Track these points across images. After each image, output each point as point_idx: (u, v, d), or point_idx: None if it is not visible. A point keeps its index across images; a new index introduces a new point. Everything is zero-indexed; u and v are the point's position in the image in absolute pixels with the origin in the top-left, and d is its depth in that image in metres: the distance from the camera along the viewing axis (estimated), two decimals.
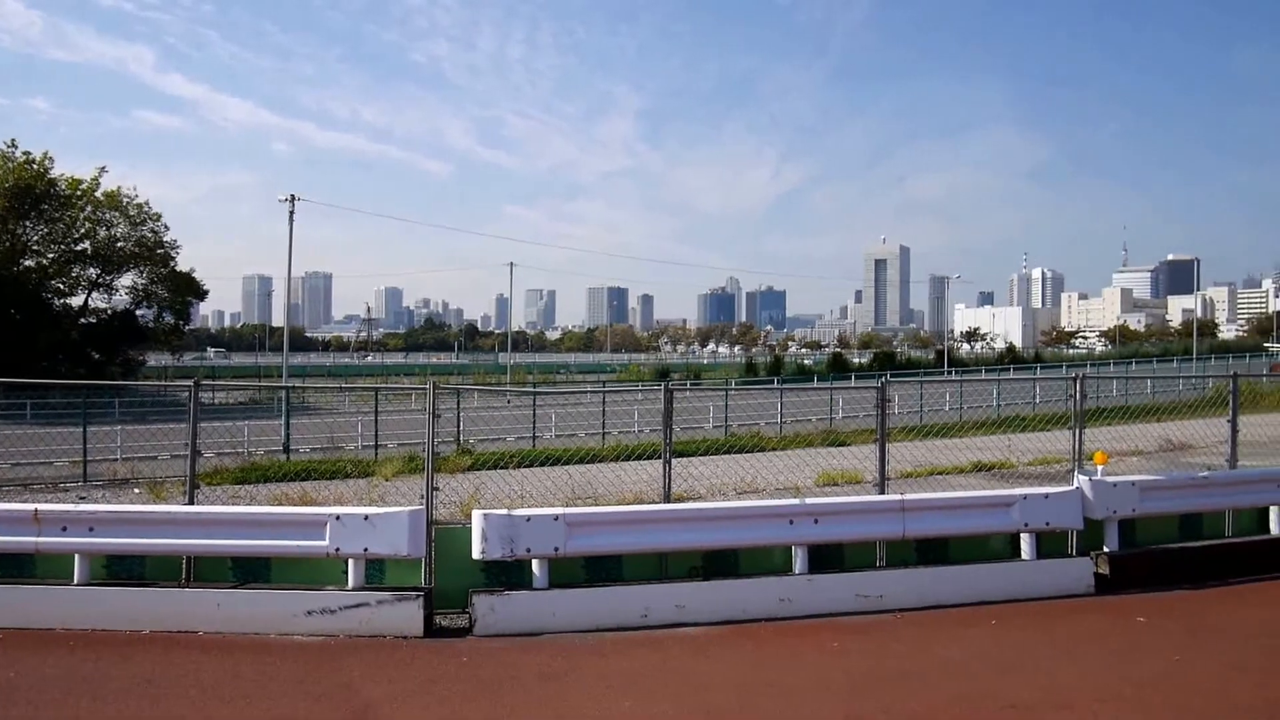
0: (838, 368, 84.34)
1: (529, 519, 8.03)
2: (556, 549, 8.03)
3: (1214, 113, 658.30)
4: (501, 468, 11.68)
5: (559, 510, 8.34)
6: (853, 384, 41.67)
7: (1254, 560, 9.91)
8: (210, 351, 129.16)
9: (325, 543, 7.89)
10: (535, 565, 8.07)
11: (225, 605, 7.80)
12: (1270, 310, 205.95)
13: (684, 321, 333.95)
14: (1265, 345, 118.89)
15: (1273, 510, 10.33)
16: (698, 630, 7.93)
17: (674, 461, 9.17)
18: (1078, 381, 10.15)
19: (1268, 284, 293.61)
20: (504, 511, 8.15)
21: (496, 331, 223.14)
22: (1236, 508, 10.33)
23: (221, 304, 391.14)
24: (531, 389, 42.60)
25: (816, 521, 8.63)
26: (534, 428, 27.29)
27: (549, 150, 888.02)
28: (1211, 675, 6.84)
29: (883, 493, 9.40)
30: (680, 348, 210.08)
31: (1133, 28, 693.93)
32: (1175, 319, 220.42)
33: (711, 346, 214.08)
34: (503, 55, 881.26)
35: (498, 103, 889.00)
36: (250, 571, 8.33)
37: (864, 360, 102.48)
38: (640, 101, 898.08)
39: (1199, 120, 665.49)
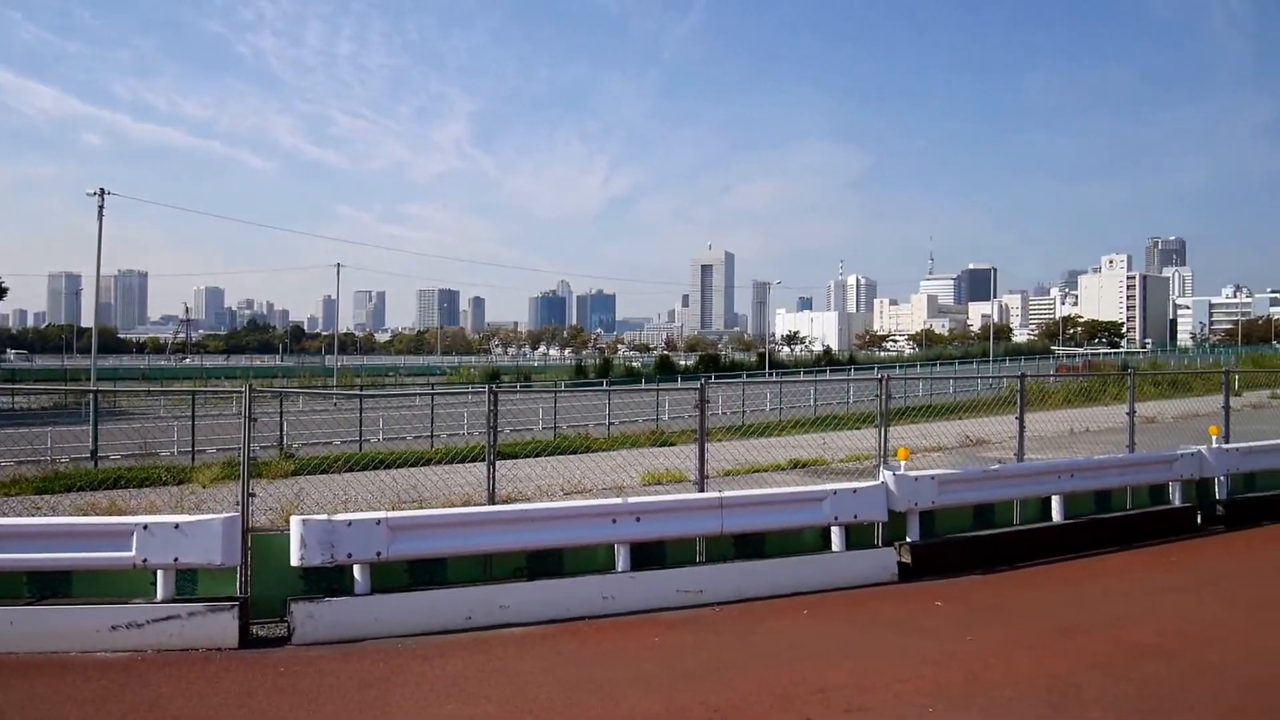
0: (665, 370, 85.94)
1: (350, 524, 7.87)
2: (379, 553, 7.90)
3: (1011, 135, 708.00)
4: (326, 472, 11.36)
5: (381, 514, 8.21)
6: (678, 385, 42.54)
7: (1039, 545, 10.81)
8: (10, 353, 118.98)
9: (131, 553, 7.48)
10: (357, 570, 7.91)
11: (20, 623, 7.28)
12: (1057, 316, 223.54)
13: (515, 324, 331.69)
14: (1052, 348, 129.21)
15: (1054, 499, 11.28)
16: (522, 630, 7.98)
17: (504, 463, 9.21)
18: (882, 383, 10.77)
19: (1055, 292, 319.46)
20: (324, 517, 7.95)
21: (324, 333, 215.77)
22: (1024, 497, 11.22)
23: (24, 303, 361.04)
24: (358, 392, 41.40)
25: (639, 520, 8.82)
26: (361, 431, 26.59)
27: (380, 150, 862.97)
28: (999, 651, 7.42)
29: (702, 491, 9.71)
30: (511, 350, 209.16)
31: (942, 48, 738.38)
32: (975, 323, 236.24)
33: (543, 349, 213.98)
34: (332, 52, 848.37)
35: (326, 100, 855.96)
36: (49, 586, 7.79)
37: (690, 362, 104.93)
38: (473, 104, 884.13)
39: (996, 141, 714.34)
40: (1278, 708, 6.25)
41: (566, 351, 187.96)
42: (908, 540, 9.94)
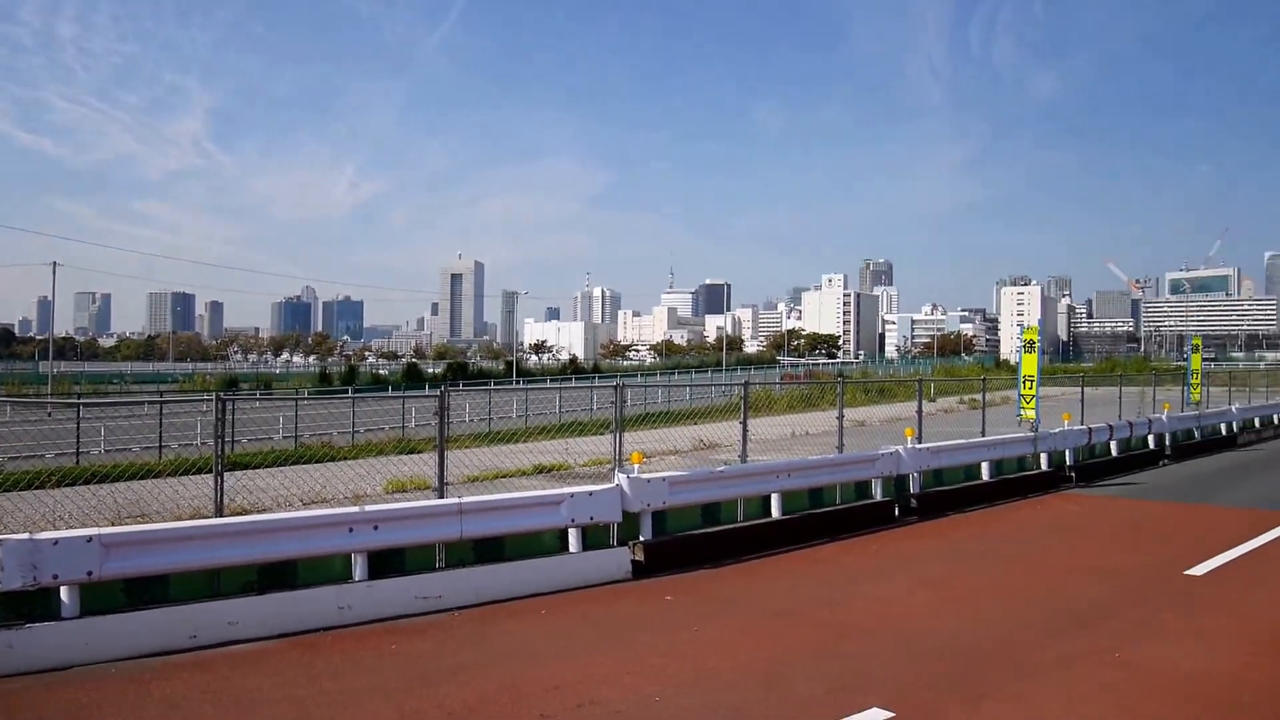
0: (413, 378, 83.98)
1: (56, 542, 7.26)
2: (90, 573, 7.34)
3: (742, 158, 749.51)
4: (38, 487, 10.33)
5: (93, 531, 7.63)
6: (425, 393, 41.82)
7: (762, 539, 11.63)
8: None
9: None
10: (64, 592, 7.30)
11: None
12: (784, 329, 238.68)
13: (257, 330, 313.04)
14: (779, 358, 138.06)
15: (774, 497, 12.19)
16: (252, 646, 7.67)
17: (240, 474, 8.80)
18: (618, 390, 11.24)
19: (782, 307, 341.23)
20: (24, 536, 7.28)
21: (38, 337, 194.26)
22: (747, 496, 12.04)
23: None
24: (76, 400, 37.57)
25: (376, 528, 8.72)
26: (79, 443, 24.22)
27: (106, 142, 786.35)
28: (722, 639, 7.96)
29: (442, 497, 9.73)
30: (252, 357, 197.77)
31: (675, 72, 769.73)
32: (711, 335, 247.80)
33: (286, 356, 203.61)
34: (51, 32, 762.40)
35: (43, 84, 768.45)
36: None
37: (438, 370, 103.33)
38: (212, 100, 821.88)
39: (728, 163, 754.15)
40: (959, 671, 7.10)
41: (311, 359, 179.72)
42: (641, 539, 10.41)
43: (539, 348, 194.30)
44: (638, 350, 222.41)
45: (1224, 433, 26.35)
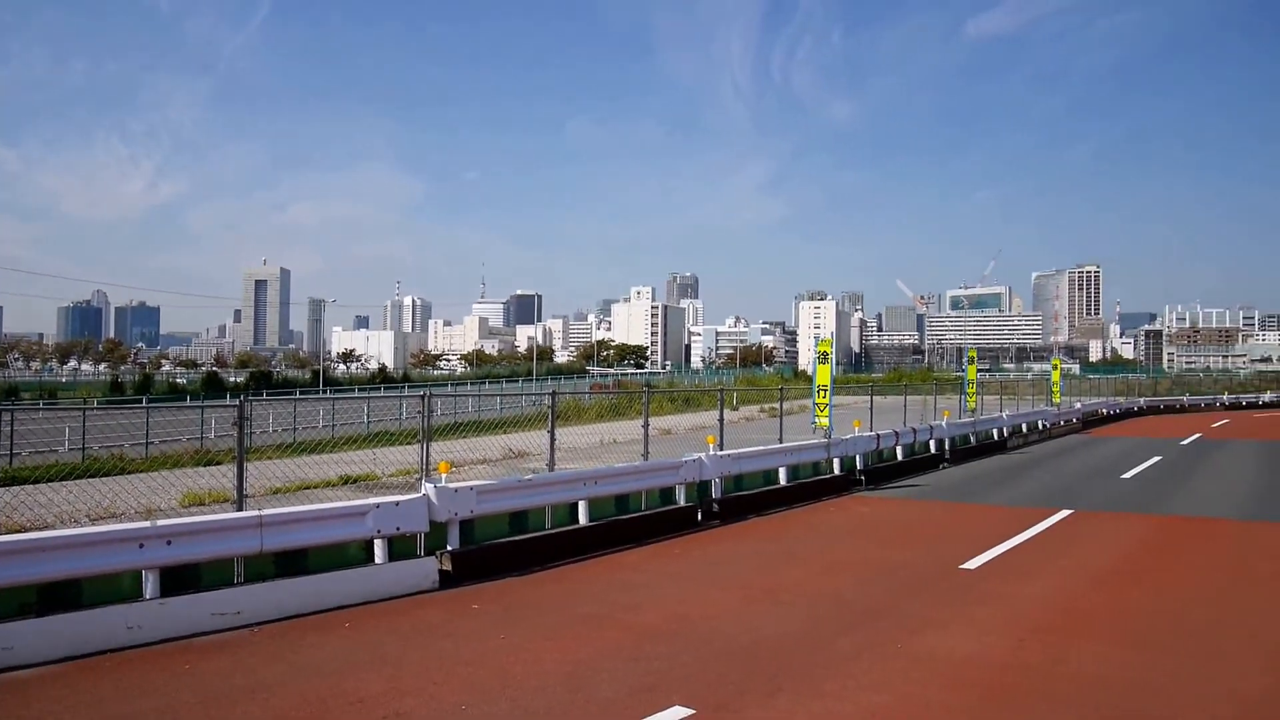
0: (213, 387, 79.41)
1: None
2: None
3: (555, 170, 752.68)
4: None
5: None
6: (226, 403, 39.61)
7: (570, 546, 11.76)
8: None
9: None
10: None
11: None
12: (593, 339, 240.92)
13: (41, 336, 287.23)
14: (588, 368, 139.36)
15: (581, 504, 12.31)
16: (31, 672, 7.11)
17: (21, 489, 8.07)
18: (425, 399, 11.07)
19: (592, 318, 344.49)
20: None
21: None
22: (555, 503, 12.13)
23: None
24: None
25: (169, 543, 8.26)
26: None
27: None
28: (528, 646, 7.99)
29: (241, 509, 9.31)
30: (35, 364, 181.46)
31: (491, 81, 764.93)
32: (522, 345, 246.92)
33: (74, 363, 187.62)
34: None
35: None
36: None
37: (240, 379, 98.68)
38: None
39: (541, 174, 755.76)
40: (757, 667, 7.41)
41: (102, 366, 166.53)
42: (449, 549, 10.30)
43: (347, 356, 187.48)
44: (449, 360, 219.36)
45: (996, 437, 28.58)
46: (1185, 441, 31.71)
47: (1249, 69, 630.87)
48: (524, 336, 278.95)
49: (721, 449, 15.32)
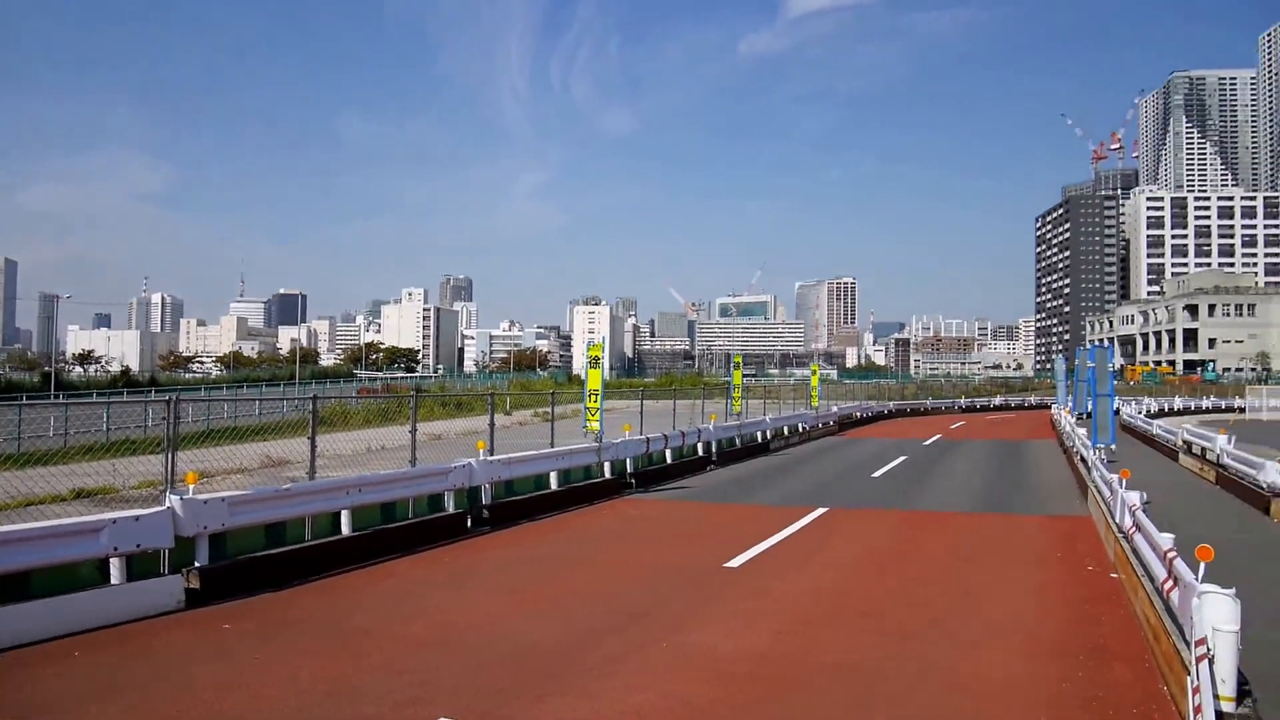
0: None
1: None
2: None
3: (321, 167, 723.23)
4: None
5: None
6: None
7: (332, 557, 11.24)
8: None
9: None
10: None
11: None
12: (362, 342, 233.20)
13: None
14: (356, 372, 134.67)
15: (344, 513, 11.80)
16: None
17: None
18: (170, 404, 10.28)
19: (361, 320, 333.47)
20: None
21: None
22: (316, 513, 11.55)
23: None
24: None
25: None
26: None
27: None
28: (284, 664, 7.56)
29: None
30: None
31: (251, 71, 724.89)
32: (285, 347, 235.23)
33: None
34: None
35: None
36: None
37: None
38: None
39: (305, 171, 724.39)
40: (526, 673, 7.33)
41: None
42: (197, 565, 9.59)
43: (85, 358, 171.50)
44: (203, 362, 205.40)
45: (760, 440, 29.92)
46: (927, 442, 34.42)
47: (998, 100, 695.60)
48: (287, 338, 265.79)
49: (493, 454, 15.16)
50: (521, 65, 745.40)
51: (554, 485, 16.77)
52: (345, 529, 11.79)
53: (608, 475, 18.72)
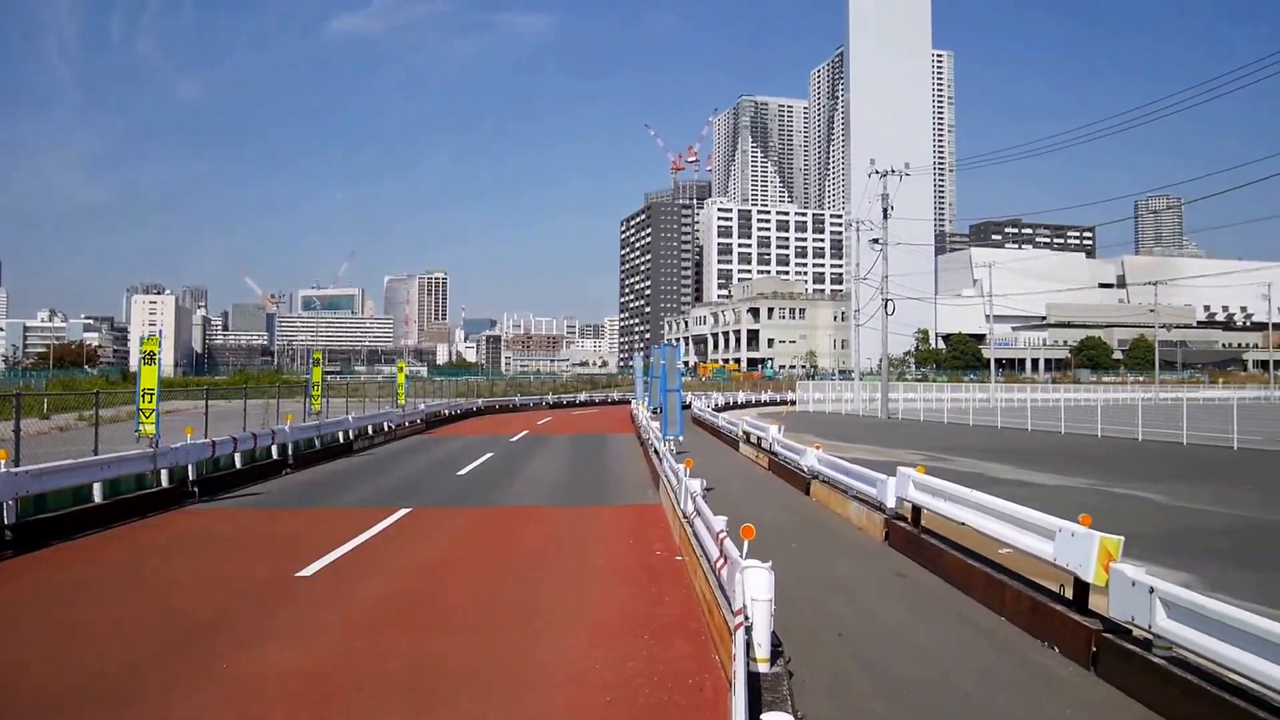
0: None
1: None
2: None
3: None
4: None
5: None
6: None
7: None
8: None
9: None
10: None
11: None
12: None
13: None
14: None
15: None
16: None
17: None
18: None
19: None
20: None
21: None
22: None
23: None
24: None
25: None
26: None
27: None
28: None
29: None
30: None
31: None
32: None
33: None
34: None
35: None
36: None
37: None
38: None
39: None
40: (81, 712, 6.35)
41: None
42: None
43: None
44: None
45: (343, 440, 28.80)
46: (514, 439, 35.16)
47: (591, 103, 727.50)
48: None
49: (18, 463, 13.06)
50: (71, 11, 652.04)
51: (98, 498, 14.79)
52: None
53: (166, 484, 16.90)
